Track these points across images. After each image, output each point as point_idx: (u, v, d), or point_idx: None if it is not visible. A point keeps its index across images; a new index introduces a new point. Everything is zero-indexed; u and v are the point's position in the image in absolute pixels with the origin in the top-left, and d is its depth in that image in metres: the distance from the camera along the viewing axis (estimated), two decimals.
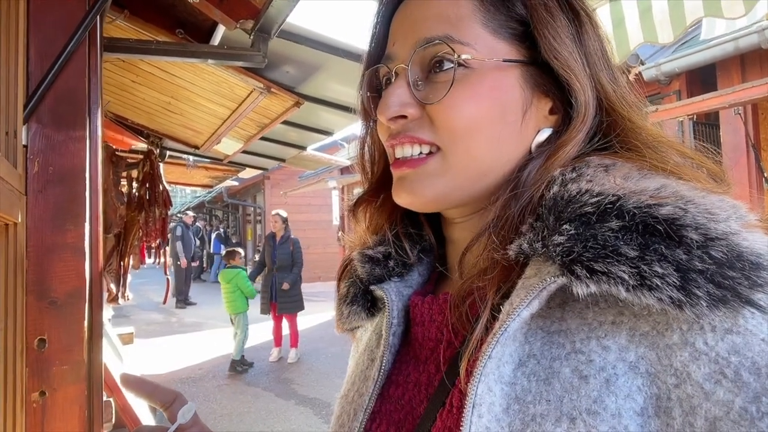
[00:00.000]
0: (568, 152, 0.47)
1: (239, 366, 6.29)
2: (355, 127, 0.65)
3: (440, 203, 0.51)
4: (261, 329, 8.35)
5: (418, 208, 0.52)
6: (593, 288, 0.37)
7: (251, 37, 2.05)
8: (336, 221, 10.93)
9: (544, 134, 0.49)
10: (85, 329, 1.10)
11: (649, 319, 0.37)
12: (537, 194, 0.45)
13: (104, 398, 1.98)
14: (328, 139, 4.25)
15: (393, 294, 0.56)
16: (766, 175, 4.37)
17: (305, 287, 10.88)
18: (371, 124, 0.59)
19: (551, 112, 0.50)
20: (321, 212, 14.05)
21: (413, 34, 0.49)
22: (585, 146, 0.48)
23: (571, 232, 0.38)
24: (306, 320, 8.82)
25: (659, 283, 0.34)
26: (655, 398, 0.35)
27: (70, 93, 1.08)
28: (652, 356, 0.36)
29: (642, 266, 0.35)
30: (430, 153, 0.50)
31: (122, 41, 1.98)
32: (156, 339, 7.94)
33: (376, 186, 0.60)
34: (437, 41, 0.47)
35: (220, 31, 2.16)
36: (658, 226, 0.36)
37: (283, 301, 6.56)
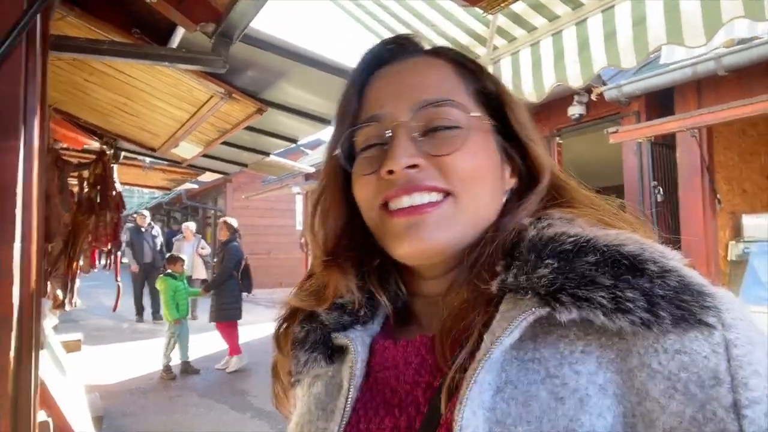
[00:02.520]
0: (533, 203, 0.55)
1: (164, 373, 6.15)
2: (320, 134, 0.62)
3: (447, 252, 0.53)
4: (214, 338, 8.14)
5: (421, 257, 0.54)
6: (575, 314, 0.42)
7: (212, 40, 1.97)
8: (300, 226, 10.77)
9: (508, 193, 0.58)
10: (11, 358, 1.00)
11: (613, 348, 0.43)
12: (508, 239, 0.51)
13: (42, 418, 1.84)
14: (292, 145, 4.16)
15: (359, 344, 0.56)
16: (719, 196, 4.54)
17: (264, 293, 10.66)
18: (335, 185, 0.61)
19: (510, 176, 0.59)
20: (284, 217, 13.84)
21: (411, 95, 0.55)
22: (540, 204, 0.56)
23: (554, 266, 0.44)
24: (264, 328, 8.62)
25: (632, 306, 0.40)
26: (622, 416, 0.41)
27: (4, 99, 0.99)
28: (617, 379, 0.42)
29: (617, 292, 0.41)
30: (440, 201, 0.53)
31: (72, 40, 1.86)
32: (106, 346, 7.59)
33: (334, 251, 0.60)
34: (441, 102, 0.54)
35: (180, 33, 2.07)
36: (624, 261, 0.42)
37: (213, 308, 6.45)
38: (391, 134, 0.54)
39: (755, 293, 3.79)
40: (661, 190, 4.83)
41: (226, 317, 6.48)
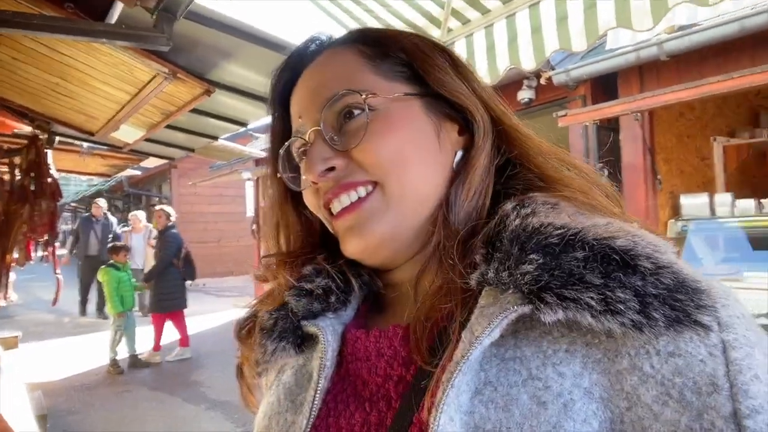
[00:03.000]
0: (482, 161, 0.52)
1: (111, 367, 5.99)
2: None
3: (391, 244, 0.52)
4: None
5: (370, 255, 0.53)
6: (561, 315, 0.39)
7: (154, 16, 1.85)
8: (250, 213, 10.52)
9: (459, 154, 0.55)
10: None
11: (600, 347, 0.40)
12: (488, 228, 0.46)
13: None
14: (241, 129, 4.03)
15: (329, 334, 0.54)
16: (659, 177, 4.76)
17: (215, 282, 10.41)
18: (284, 198, 0.61)
19: (459, 133, 0.55)
20: (234, 204, 13.49)
21: (315, 100, 0.54)
22: (495, 156, 0.53)
23: (539, 261, 0.40)
24: (216, 317, 8.44)
25: (622, 308, 0.37)
26: (609, 422, 0.38)
27: None
28: (604, 382, 0.39)
29: (607, 292, 0.38)
30: (368, 194, 0.52)
31: None
32: (46, 342, 7.21)
33: (292, 255, 0.61)
34: (340, 94, 0.52)
35: (118, 7, 1.93)
36: (615, 256, 0.39)
37: (152, 299, 6.36)
38: (310, 143, 0.54)
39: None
40: (606, 171, 5.01)
41: (167, 308, 6.34)
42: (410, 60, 0.55)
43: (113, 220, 10.15)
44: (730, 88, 3.55)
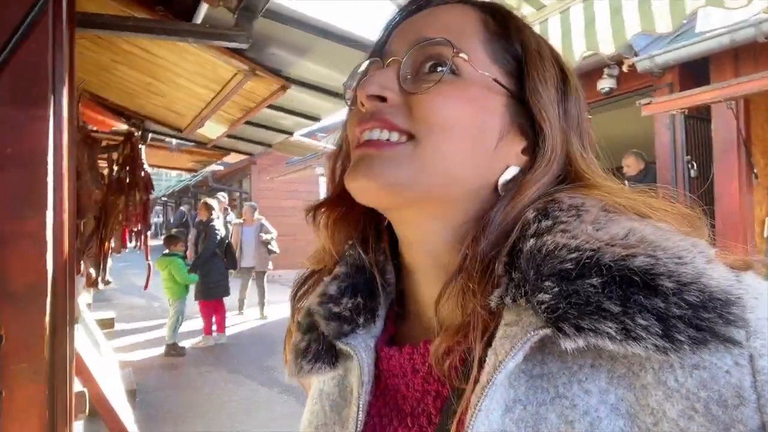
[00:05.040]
0: (531, 195, 0.48)
1: (172, 350, 6.26)
2: (344, 113, 0.59)
3: (397, 193, 0.48)
4: (242, 316, 8.31)
5: (371, 196, 0.49)
6: (581, 343, 0.37)
7: (235, 15, 1.96)
8: None
9: (512, 171, 0.50)
10: (47, 324, 1.03)
11: (624, 362, 0.39)
12: (510, 239, 0.45)
13: (78, 389, 1.89)
14: (315, 126, 4.15)
15: (363, 351, 0.53)
16: (755, 171, 4.37)
17: (290, 273, 10.77)
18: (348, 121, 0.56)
19: (523, 152, 0.51)
20: (308, 198, 13.87)
21: (412, 33, 0.51)
22: (551, 188, 0.49)
23: (554, 290, 0.39)
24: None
25: (643, 335, 0.35)
26: None
27: (31, 69, 1.00)
28: (630, 397, 0.38)
29: (626, 320, 0.36)
30: (399, 142, 0.48)
31: (97, 16, 1.87)
32: (138, 324, 7.83)
33: (340, 192, 0.55)
34: (437, 41, 0.48)
35: (203, 8, 2.06)
36: (635, 277, 0.37)
37: (199, 287, 6.60)
38: (384, 67, 0.51)
39: None
40: (694, 165, 4.67)
41: (212, 295, 6.66)
42: (522, 56, 0.51)
43: (233, 215, 9.83)
44: None
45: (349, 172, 0.49)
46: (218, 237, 6.95)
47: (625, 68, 4.70)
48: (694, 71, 4.70)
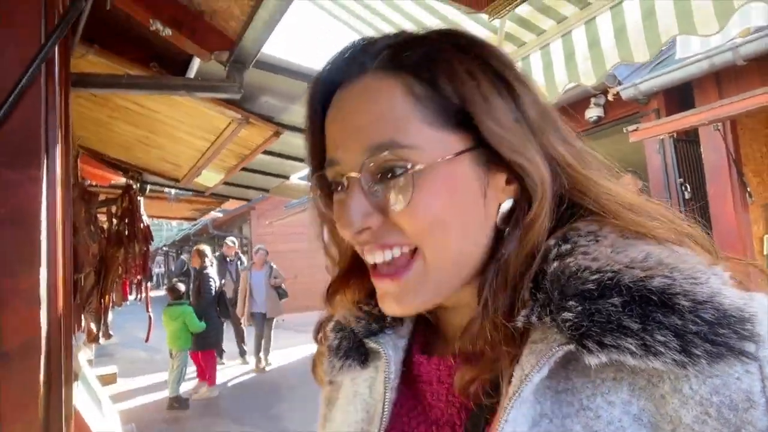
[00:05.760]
0: (541, 225, 0.48)
1: (175, 403, 6.11)
2: None
3: (430, 304, 0.52)
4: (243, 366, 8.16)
5: (405, 315, 0.55)
6: (604, 359, 0.40)
7: (226, 68, 2.02)
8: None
9: (507, 205, 0.50)
10: (41, 383, 1.02)
11: (644, 374, 0.41)
12: (534, 268, 0.46)
13: None
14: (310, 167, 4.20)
15: (390, 349, 0.56)
16: (749, 189, 4.40)
17: (294, 317, 10.66)
18: (329, 221, 0.59)
19: (507, 182, 0.50)
20: (308, 241, 13.88)
21: (357, 140, 0.49)
22: (555, 208, 0.49)
23: (578, 309, 0.41)
24: (296, 351, 8.63)
25: (662, 350, 0.38)
26: None
27: (25, 130, 1.02)
28: (651, 407, 0.40)
29: (645, 336, 0.38)
30: (408, 255, 0.50)
31: (92, 76, 1.93)
32: (141, 377, 7.69)
33: (348, 270, 0.60)
34: (385, 148, 0.47)
35: (196, 63, 2.13)
36: (653, 297, 0.39)
37: (195, 337, 6.47)
38: (347, 187, 0.50)
39: None
40: (688, 187, 4.71)
41: (206, 345, 6.58)
42: (464, 107, 0.48)
43: (245, 259, 9.62)
44: None
45: (381, 302, 0.53)
46: (214, 284, 6.90)
47: (610, 97, 4.81)
48: (679, 96, 4.80)
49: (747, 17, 2.83)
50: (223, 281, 7.45)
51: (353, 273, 0.59)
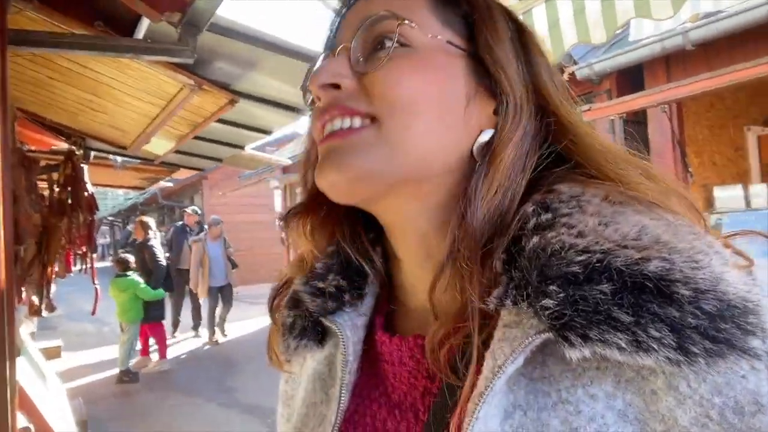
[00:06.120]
0: (508, 154, 0.45)
1: (125, 377, 5.99)
2: (296, 125, 0.55)
3: (368, 182, 0.45)
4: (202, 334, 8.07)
5: (342, 193, 0.47)
6: (587, 353, 0.35)
7: (178, 30, 1.92)
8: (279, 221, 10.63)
9: (487, 134, 0.47)
10: None
11: (632, 365, 0.36)
12: (508, 235, 0.42)
13: (22, 425, 1.81)
14: (267, 138, 4.11)
15: (348, 329, 0.52)
16: (690, 169, 4.64)
17: (248, 290, 10.57)
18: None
19: (495, 113, 0.47)
20: (263, 212, 13.72)
21: (357, 17, 0.48)
22: (538, 151, 0.46)
23: (560, 296, 0.36)
24: (249, 324, 8.58)
25: (656, 347, 0.33)
26: None
27: None
28: (639, 403, 0.36)
29: (638, 331, 0.33)
30: (363, 126, 0.46)
31: (32, 33, 1.80)
32: (88, 351, 7.46)
33: (314, 194, 0.53)
34: (381, 16, 0.46)
35: (144, 24, 2.01)
36: (648, 283, 0.34)
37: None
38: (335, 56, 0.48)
39: None
40: None
41: (152, 318, 6.43)
42: (471, 12, 0.48)
43: (206, 229, 9.13)
44: (759, 75, 3.44)
45: (317, 169, 0.47)
46: (161, 256, 6.70)
47: (565, 76, 4.87)
48: (630, 78, 4.96)
49: (697, 3, 2.92)
50: (181, 252, 7.20)
51: (316, 205, 0.54)
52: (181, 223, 8.91)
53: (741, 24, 3.79)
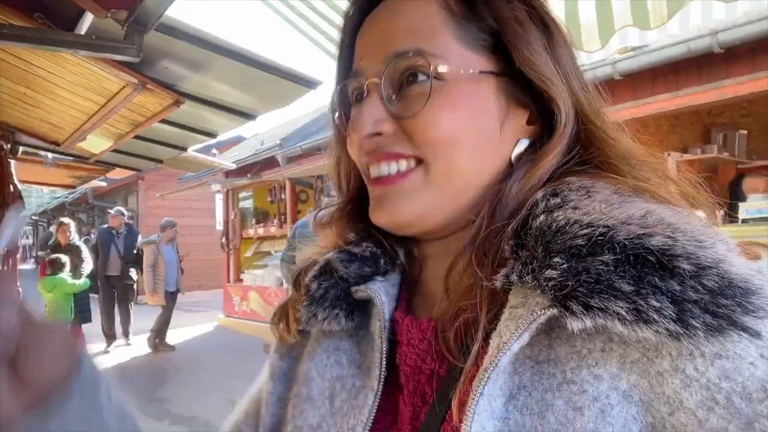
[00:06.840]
0: (551, 161, 0.47)
1: None
2: (241, 129, 0.58)
3: (419, 224, 0.49)
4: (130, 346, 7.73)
5: (395, 229, 0.50)
6: (588, 323, 0.35)
7: (124, 28, 1.89)
8: (219, 226, 10.39)
9: (523, 144, 0.49)
10: None
11: (638, 346, 0.37)
12: (518, 219, 0.43)
13: None
14: (212, 140, 4.05)
15: (383, 295, 0.51)
16: None
17: (182, 297, 10.20)
18: (343, 141, 0.56)
19: (528, 122, 0.49)
20: (203, 217, 13.32)
21: (382, 48, 0.48)
22: (564, 157, 0.48)
23: (563, 266, 0.37)
24: (184, 332, 8.29)
25: (656, 317, 0.33)
26: (651, 427, 0.35)
27: None
28: (644, 384, 0.36)
29: (638, 300, 0.34)
30: (410, 170, 0.48)
31: None
32: None
33: (349, 200, 0.57)
34: (410, 54, 0.46)
35: (88, 18, 1.96)
36: (650, 257, 0.35)
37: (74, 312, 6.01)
38: (366, 95, 0.49)
39: None
40: None
41: (77, 320, 6.15)
42: (500, 30, 0.48)
43: (137, 232, 8.51)
44: (678, 106, 3.77)
45: (372, 211, 0.50)
46: (90, 259, 6.41)
47: None
48: None
49: (625, 37, 3.17)
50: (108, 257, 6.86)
51: (352, 208, 0.56)
52: (106, 226, 8.22)
53: (662, 59, 4.15)
